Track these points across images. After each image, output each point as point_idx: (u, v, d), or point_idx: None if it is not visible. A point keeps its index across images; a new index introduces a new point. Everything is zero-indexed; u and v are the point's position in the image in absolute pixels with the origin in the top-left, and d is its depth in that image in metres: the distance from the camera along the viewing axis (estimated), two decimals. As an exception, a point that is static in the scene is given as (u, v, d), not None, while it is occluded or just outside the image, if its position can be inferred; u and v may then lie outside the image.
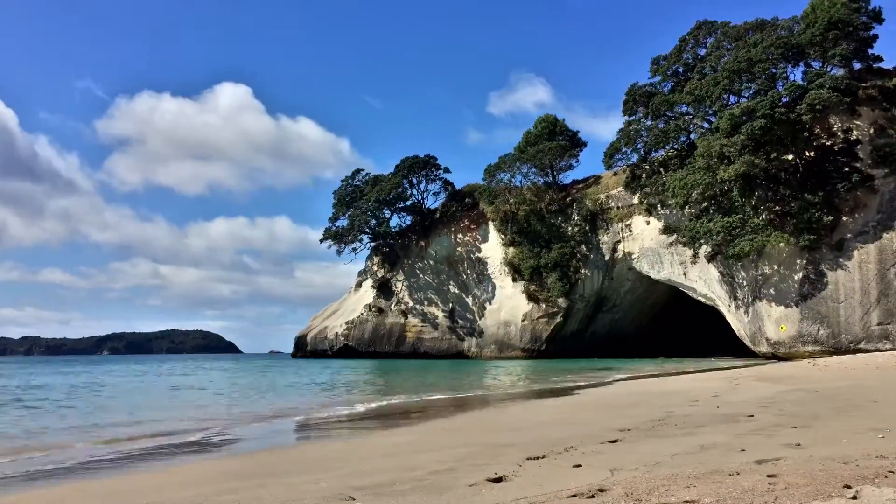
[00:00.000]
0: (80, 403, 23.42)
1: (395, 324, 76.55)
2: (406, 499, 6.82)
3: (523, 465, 8.32)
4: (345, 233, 78.28)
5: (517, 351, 66.38)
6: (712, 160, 45.91)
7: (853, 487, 5.25)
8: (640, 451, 8.85)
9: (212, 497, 7.62)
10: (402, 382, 32.97)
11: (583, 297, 64.99)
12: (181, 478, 9.35)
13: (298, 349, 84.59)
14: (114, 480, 9.57)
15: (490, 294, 71.22)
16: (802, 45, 47.30)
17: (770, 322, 46.19)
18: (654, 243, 57.80)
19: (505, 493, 6.65)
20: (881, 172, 43.59)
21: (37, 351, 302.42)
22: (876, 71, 47.94)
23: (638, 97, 57.36)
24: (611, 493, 5.93)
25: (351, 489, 7.44)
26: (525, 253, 65.91)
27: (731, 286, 49.97)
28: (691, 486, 5.86)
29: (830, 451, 7.71)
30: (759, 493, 5.42)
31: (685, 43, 56.09)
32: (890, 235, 42.44)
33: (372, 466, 9.10)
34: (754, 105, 44.27)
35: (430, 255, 76.02)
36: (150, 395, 28.28)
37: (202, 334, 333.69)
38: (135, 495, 8.17)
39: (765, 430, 10.42)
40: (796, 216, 44.08)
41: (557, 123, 72.02)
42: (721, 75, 49.06)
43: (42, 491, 9.00)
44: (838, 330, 43.09)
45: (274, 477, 8.83)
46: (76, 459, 11.50)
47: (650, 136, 55.37)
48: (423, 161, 77.40)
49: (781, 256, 45.62)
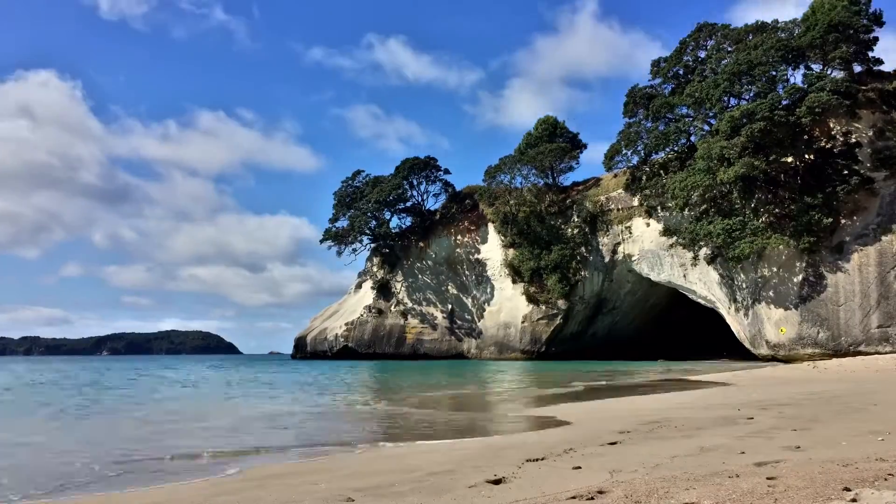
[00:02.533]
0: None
1: (395, 325, 76.53)
2: (405, 500, 6.82)
3: (523, 466, 8.32)
4: (345, 234, 78.33)
5: (517, 352, 66.34)
6: (712, 162, 45.93)
7: (852, 490, 5.25)
8: (639, 453, 8.85)
9: (212, 497, 7.62)
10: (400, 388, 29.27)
11: (583, 298, 64.97)
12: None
13: (298, 350, 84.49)
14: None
15: (489, 295, 71.23)
16: (803, 48, 47.30)
17: (770, 324, 46.17)
18: (654, 245, 57.78)
19: (504, 495, 6.65)
20: (881, 175, 43.62)
21: (36, 351, 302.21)
22: (876, 74, 47.91)
23: (638, 99, 57.45)
24: (610, 495, 5.92)
25: (350, 490, 7.43)
26: (525, 254, 65.90)
27: (730, 288, 49.97)
28: (691, 489, 5.86)
29: (830, 454, 7.71)
30: (759, 495, 5.42)
31: (685, 45, 56.12)
32: (890, 238, 42.43)
33: (371, 467, 9.10)
34: (754, 107, 44.29)
35: (430, 256, 76.03)
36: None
37: (202, 335, 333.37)
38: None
39: (764, 433, 10.43)
40: (796, 218, 44.08)
41: (558, 125, 72.07)
42: (721, 77, 49.07)
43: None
44: (838, 332, 43.07)
45: (273, 477, 8.82)
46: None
47: (650, 137, 55.40)
48: (423, 162, 77.64)
49: (781, 259, 45.61)
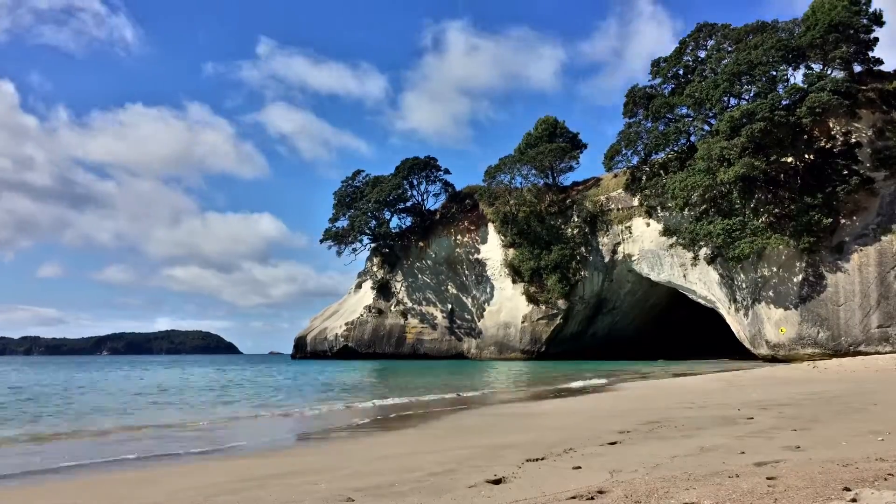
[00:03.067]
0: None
1: (395, 325, 76.52)
2: (405, 500, 6.81)
3: (523, 466, 8.31)
4: (345, 234, 78.33)
5: (517, 352, 66.33)
6: (712, 162, 45.92)
7: (852, 490, 5.25)
8: (639, 453, 8.85)
9: (212, 497, 7.62)
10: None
11: (583, 298, 64.96)
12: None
13: (298, 350, 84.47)
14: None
15: (489, 295, 71.23)
16: (803, 48, 47.27)
17: (770, 324, 46.16)
18: (654, 245, 57.77)
19: (504, 495, 6.64)
20: (881, 175, 43.61)
21: (36, 351, 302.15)
22: (876, 74, 47.89)
23: (638, 99, 57.43)
24: (610, 495, 5.92)
25: (350, 490, 7.43)
26: (525, 254, 65.90)
27: (730, 288, 49.96)
28: (691, 488, 5.86)
29: (830, 454, 7.71)
30: (759, 495, 5.42)
31: (685, 45, 56.09)
32: (889, 238, 42.41)
33: (371, 468, 9.10)
34: (754, 107, 44.28)
35: (430, 256, 76.02)
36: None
37: (202, 335, 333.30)
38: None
39: (764, 433, 10.42)
40: (796, 218, 44.07)
41: (558, 125, 72.08)
42: (721, 78, 49.05)
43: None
44: (838, 332, 43.06)
45: (273, 478, 8.82)
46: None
47: (650, 138, 55.37)
48: (423, 162, 77.67)
49: (781, 259, 45.60)
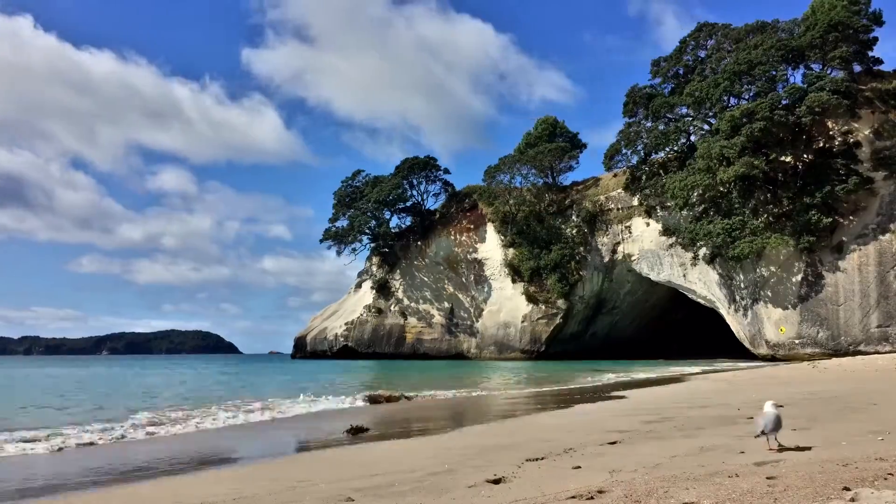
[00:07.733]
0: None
1: (395, 324, 76.53)
2: (405, 500, 6.81)
3: (522, 466, 8.31)
4: (344, 233, 78.40)
5: (517, 352, 66.34)
6: (712, 162, 45.96)
7: (852, 490, 5.25)
8: (639, 453, 8.84)
9: (210, 497, 7.61)
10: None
11: (582, 298, 64.96)
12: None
13: (298, 350, 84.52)
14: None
15: (489, 295, 71.24)
16: (802, 48, 47.31)
17: (769, 324, 46.18)
18: (653, 245, 57.79)
19: (504, 495, 6.64)
20: (880, 175, 43.64)
21: (36, 351, 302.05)
22: (876, 74, 47.94)
23: (638, 99, 57.48)
24: (610, 495, 5.92)
25: (350, 490, 7.43)
26: (524, 254, 65.91)
27: (730, 288, 49.97)
28: (690, 488, 5.86)
29: (829, 454, 7.70)
30: (759, 494, 5.41)
31: (686, 45, 56.12)
32: (889, 238, 42.44)
33: (371, 468, 9.09)
34: (754, 107, 44.32)
35: (430, 255, 76.03)
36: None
37: (202, 335, 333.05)
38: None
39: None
40: (795, 218, 44.09)
41: (557, 125, 72.15)
42: (721, 77, 49.09)
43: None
44: (838, 332, 43.08)
45: (274, 478, 8.82)
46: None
47: (650, 137, 55.42)
48: (423, 162, 77.76)
49: (781, 258, 45.62)
